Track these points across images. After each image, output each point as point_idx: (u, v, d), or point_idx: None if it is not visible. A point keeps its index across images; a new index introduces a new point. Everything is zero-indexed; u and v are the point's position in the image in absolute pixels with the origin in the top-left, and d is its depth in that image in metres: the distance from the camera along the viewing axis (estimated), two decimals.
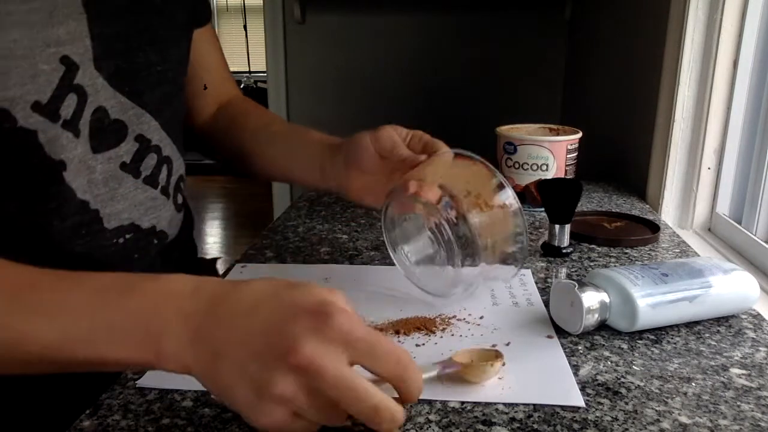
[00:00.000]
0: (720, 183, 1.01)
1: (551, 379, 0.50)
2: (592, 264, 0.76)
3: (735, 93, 0.96)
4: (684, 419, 0.45)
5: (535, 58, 2.20)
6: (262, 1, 2.31)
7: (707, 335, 0.58)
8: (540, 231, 0.88)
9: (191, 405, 0.47)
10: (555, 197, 0.78)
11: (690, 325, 0.60)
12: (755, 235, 0.90)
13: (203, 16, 0.75)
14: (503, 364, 0.50)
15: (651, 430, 0.44)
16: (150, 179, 0.63)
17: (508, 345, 0.56)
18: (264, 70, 2.41)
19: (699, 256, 0.81)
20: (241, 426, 0.45)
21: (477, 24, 2.20)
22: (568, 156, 0.96)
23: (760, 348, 0.56)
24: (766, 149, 0.90)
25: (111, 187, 0.58)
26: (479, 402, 0.47)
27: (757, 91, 0.95)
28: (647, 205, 1.05)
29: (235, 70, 5.54)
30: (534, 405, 0.47)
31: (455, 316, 0.61)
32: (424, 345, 0.56)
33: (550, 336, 0.57)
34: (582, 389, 0.49)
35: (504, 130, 1.00)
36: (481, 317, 0.61)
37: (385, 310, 0.62)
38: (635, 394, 0.48)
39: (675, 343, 0.56)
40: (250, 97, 0.85)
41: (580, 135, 0.98)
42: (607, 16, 1.59)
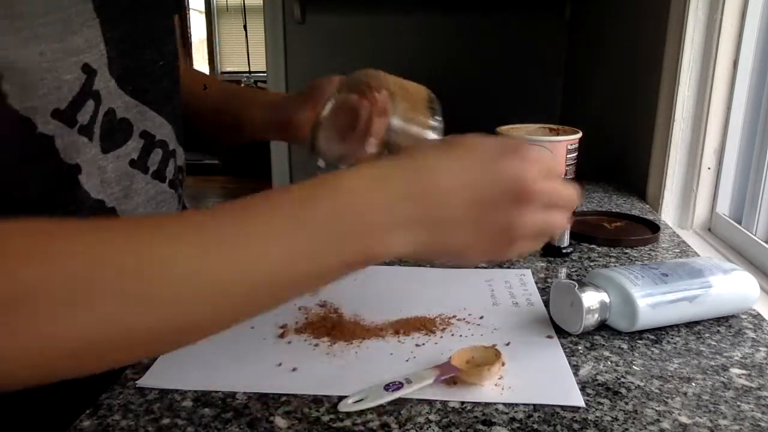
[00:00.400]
0: (720, 183, 1.01)
1: (551, 379, 0.50)
2: (592, 264, 0.76)
3: (735, 93, 0.96)
4: (684, 419, 0.45)
5: (535, 58, 2.20)
6: (262, 1, 2.32)
7: (707, 335, 0.58)
8: None
9: (191, 405, 0.47)
10: None
11: (690, 325, 0.60)
12: (755, 235, 0.90)
13: (180, 2, 0.76)
14: (503, 363, 0.50)
15: (651, 430, 0.44)
16: (157, 174, 0.63)
17: (508, 345, 0.56)
18: (264, 70, 2.41)
19: (699, 256, 0.81)
20: (241, 426, 0.45)
21: (477, 24, 2.20)
22: (568, 156, 0.96)
23: (760, 348, 0.56)
24: (766, 149, 0.90)
25: (123, 185, 0.59)
26: (479, 402, 0.47)
27: (757, 91, 0.95)
28: (647, 205, 1.05)
29: (235, 70, 5.54)
30: (534, 405, 0.47)
31: (455, 316, 0.61)
32: (424, 345, 0.56)
33: (550, 336, 0.57)
34: (582, 389, 0.49)
35: (504, 130, 1.00)
36: (481, 317, 0.61)
37: (385, 310, 0.62)
38: (635, 394, 0.48)
39: (675, 343, 0.56)
40: None
41: (580, 135, 0.98)
42: (607, 16, 1.59)
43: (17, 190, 0.52)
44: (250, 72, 5.42)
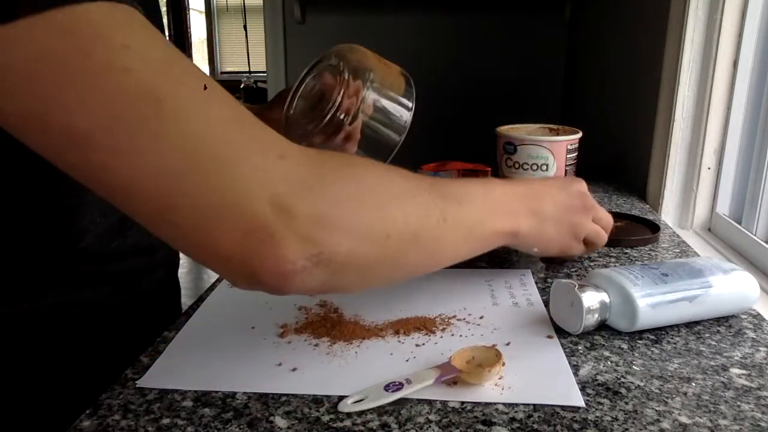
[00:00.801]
0: (720, 183, 1.01)
1: (551, 379, 0.50)
2: (592, 264, 0.76)
3: (735, 93, 0.96)
4: (684, 419, 0.45)
5: (535, 58, 2.20)
6: (262, 1, 2.32)
7: (707, 335, 0.58)
8: None
9: (191, 405, 0.47)
10: None
11: (690, 325, 0.60)
12: (755, 235, 0.90)
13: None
14: (503, 364, 0.50)
15: (651, 430, 0.44)
16: None
17: (508, 345, 0.56)
18: (264, 70, 2.41)
19: (699, 256, 0.81)
20: (241, 426, 0.45)
21: (477, 24, 2.20)
22: (568, 156, 0.96)
23: (760, 348, 0.56)
24: (766, 149, 0.90)
25: None
26: (479, 402, 0.47)
27: (757, 91, 0.95)
28: (647, 205, 1.05)
29: (235, 70, 5.54)
30: (534, 405, 0.47)
31: (455, 316, 0.61)
32: (424, 345, 0.56)
33: (550, 336, 0.57)
34: (582, 389, 0.49)
35: (504, 130, 1.00)
36: (481, 317, 0.61)
37: (385, 310, 0.62)
38: (635, 394, 0.48)
39: (675, 343, 0.56)
40: (250, 97, 0.87)
41: (580, 135, 0.98)
42: (607, 16, 1.60)
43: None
44: (250, 72, 5.42)
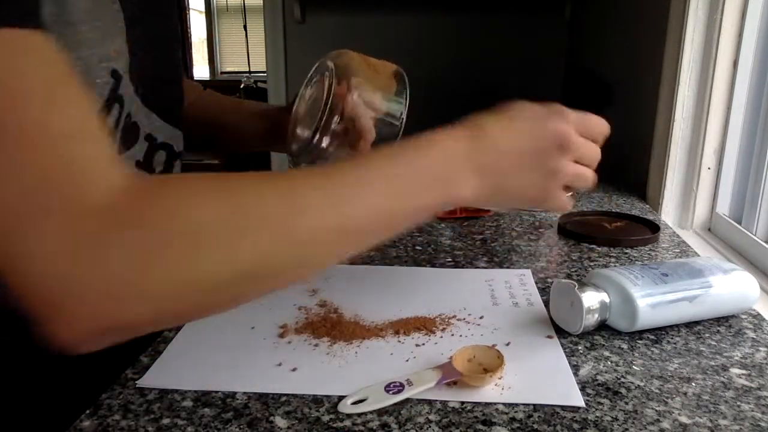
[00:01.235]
0: (720, 183, 1.01)
1: (551, 379, 0.50)
2: (592, 264, 0.76)
3: (735, 93, 0.96)
4: (684, 419, 0.45)
5: (535, 58, 2.20)
6: (262, 1, 2.32)
7: (707, 335, 0.58)
8: (540, 231, 0.88)
9: (191, 405, 0.47)
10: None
11: (690, 325, 0.60)
12: (755, 235, 0.90)
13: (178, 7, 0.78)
14: (504, 364, 0.50)
15: (651, 430, 0.44)
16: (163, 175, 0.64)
17: (508, 345, 0.56)
18: (264, 70, 2.41)
19: (699, 256, 0.81)
20: (241, 426, 0.45)
21: (477, 24, 2.20)
22: None
23: (760, 348, 0.56)
24: (766, 149, 0.90)
25: None
26: (479, 402, 0.47)
27: (757, 91, 0.95)
28: (647, 205, 1.05)
29: (235, 70, 5.54)
30: (534, 405, 0.47)
31: (455, 315, 0.61)
32: (424, 345, 0.56)
33: (550, 336, 0.57)
34: (582, 389, 0.49)
35: None
36: (481, 317, 0.61)
37: (385, 310, 0.62)
38: (635, 394, 0.48)
39: (675, 343, 0.56)
40: (250, 97, 0.87)
41: None
42: (607, 16, 1.59)
43: None
44: (250, 72, 5.42)
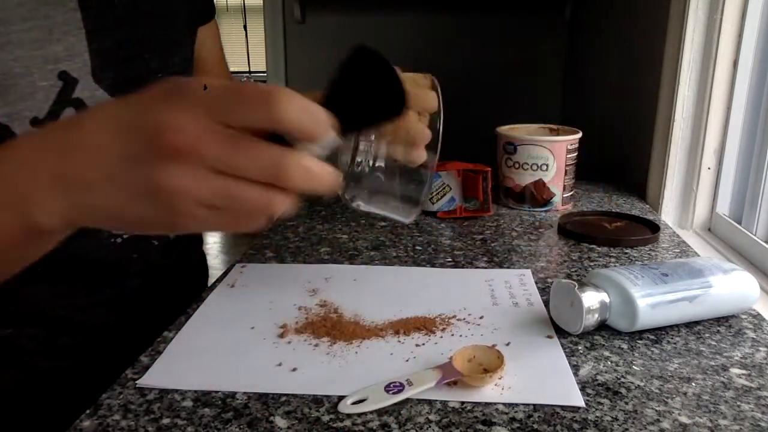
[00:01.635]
0: (720, 183, 1.01)
1: (551, 379, 0.50)
2: (592, 264, 0.76)
3: (735, 93, 0.96)
4: (684, 419, 0.45)
5: (535, 58, 2.20)
6: (262, 1, 2.32)
7: (707, 335, 0.58)
8: (540, 231, 0.88)
9: (191, 405, 0.47)
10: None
11: (690, 325, 0.60)
12: (755, 235, 0.90)
13: (207, 13, 0.76)
14: (504, 364, 0.50)
15: (651, 430, 0.44)
16: None
17: (508, 345, 0.56)
18: (264, 70, 2.41)
19: (699, 256, 0.81)
20: (241, 426, 0.45)
21: (477, 24, 2.20)
22: (568, 156, 0.96)
23: (760, 348, 0.56)
24: (766, 149, 0.90)
25: None
26: (479, 402, 0.47)
27: (757, 91, 0.95)
28: (647, 205, 1.05)
29: (235, 70, 5.54)
30: (534, 405, 0.47)
31: (455, 316, 0.61)
32: (424, 345, 0.56)
33: (550, 336, 0.57)
34: (582, 389, 0.49)
35: (504, 130, 1.00)
36: (481, 317, 0.61)
37: (385, 310, 0.62)
38: (635, 394, 0.48)
39: (675, 343, 0.56)
40: None
41: (580, 135, 0.98)
42: (607, 16, 1.60)
43: None
44: (250, 72, 5.43)
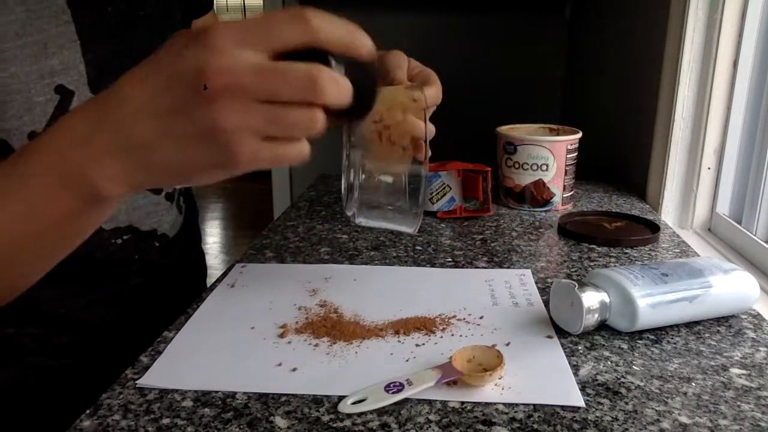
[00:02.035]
0: (720, 183, 1.01)
1: (551, 379, 0.50)
2: (592, 264, 0.76)
3: (735, 93, 0.96)
4: (684, 419, 0.45)
5: (535, 58, 2.20)
6: (262, 1, 2.32)
7: (707, 335, 0.58)
8: (540, 231, 0.88)
9: (191, 405, 0.47)
10: None
11: (690, 325, 0.60)
12: (755, 235, 0.90)
13: (201, 5, 0.75)
14: (504, 364, 0.50)
15: (651, 430, 0.44)
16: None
17: (508, 345, 0.56)
18: None
19: (699, 256, 0.81)
20: (241, 426, 0.45)
21: (477, 24, 2.20)
22: (568, 156, 0.96)
23: (760, 348, 0.56)
24: (766, 149, 0.90)
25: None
26: (479, 402, 0.47)
27: (757, 91, 0.95)
28: (647, 205, 1.05)
29: None
30: (534, 405, 0.47)
31: (455, 316, 0.61)
32: (424, 345, 0.56)
33: (550, 336, 0.57)
34: (582, 389, 0.49)
35: (504, 130, 1.00)
36: (481, 317, 0.61)
37: (385, 310, 0.62)
38: (635, 394, 0.48)
39: (675, 343, 0.56)
40: None
41: (580, 135, 0.98)
42: (607, 16, 1.60)
43: None
44: None
